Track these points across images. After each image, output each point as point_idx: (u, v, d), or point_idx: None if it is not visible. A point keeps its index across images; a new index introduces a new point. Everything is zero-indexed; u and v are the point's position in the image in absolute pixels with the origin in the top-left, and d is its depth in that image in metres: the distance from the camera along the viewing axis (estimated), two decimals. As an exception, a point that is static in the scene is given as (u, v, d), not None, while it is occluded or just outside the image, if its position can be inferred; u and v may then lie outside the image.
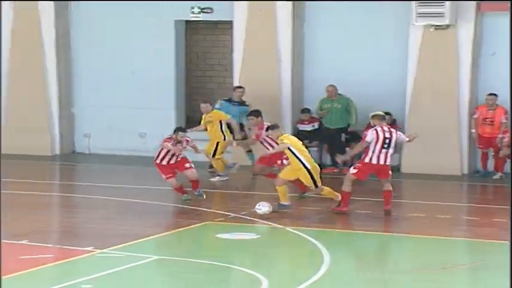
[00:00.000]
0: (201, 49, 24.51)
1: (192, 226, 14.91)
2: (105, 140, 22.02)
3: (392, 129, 15.88)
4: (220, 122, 18.85)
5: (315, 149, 20.40)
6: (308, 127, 20.54)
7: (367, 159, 15.49)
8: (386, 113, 20.10)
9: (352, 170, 15.63)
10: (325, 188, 15.80)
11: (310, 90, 21.11)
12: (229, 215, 15.78)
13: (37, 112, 22.15)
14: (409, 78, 20.20)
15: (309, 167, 15.35)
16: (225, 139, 18.80)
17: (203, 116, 19.14)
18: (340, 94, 20.23)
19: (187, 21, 22.43)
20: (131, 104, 21.75)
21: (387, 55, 20.62)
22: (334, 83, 20.24)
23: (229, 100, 20.13)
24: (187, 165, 16.59)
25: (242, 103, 20.09)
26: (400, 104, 20.28)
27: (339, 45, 20.83)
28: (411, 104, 20.16)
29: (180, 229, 14.89)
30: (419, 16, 19.53)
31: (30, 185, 18.62)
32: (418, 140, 16.93)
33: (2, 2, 21.73)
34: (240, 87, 20.38)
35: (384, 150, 15.43)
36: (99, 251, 13.21)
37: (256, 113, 17.86)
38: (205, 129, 19.06)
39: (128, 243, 13.66)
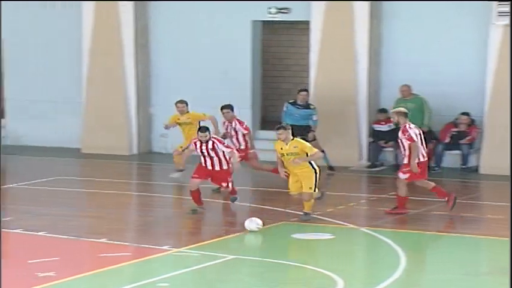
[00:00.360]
0: (278, 49, 24.59)
1: (267, 226, 14.96)
2: (181, 140, 22.23)
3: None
4: (199, 122, 18.53)
5: (391, 149, 20.33)
6: (384, 127, 20.48)
7: (416, 160, 15.42)
8: (465, 113, 20.05)
9: (403, 176, 15.44)
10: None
11: (387, 90, 21.05)
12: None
13: (115, 112, 22.44)
14: (489, 77, 20.02)
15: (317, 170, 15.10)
16: None
17: (177, 116, 18.86)
18: (414, 94, 20.14)
19: (264, 22, 22.51)
20: (208, 103, 21.78)
21: (466, 55, 20.47)
22: (411, 83, 20.16)
23: (294, 103, 20.16)
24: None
25: (307, 106, 20.09)
26: (479, 104, 20.12)
27: (417, 44, 20.74)
28: (490, 103, 19.97)
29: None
30: (499, 15, 19.38)
31: (109, 184, 18.87)
32: (496, 140, 16.76)
33: (83, 2, 22.06)
34: (303, 90, 20.34)
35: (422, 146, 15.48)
36: (175, 250, 13.35)
37: (231, 107, 18.03)
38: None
39: (204, 243, 13.80)
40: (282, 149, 14.79)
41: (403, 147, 15.35)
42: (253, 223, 14.35)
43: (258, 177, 19.73)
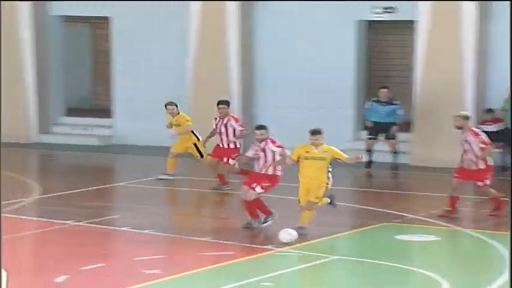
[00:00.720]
0: (383, 49, 24.51)
1: (370, 227, 14.98)
2: (285, 138, 22.32)
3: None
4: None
5: (499, 150, 20.09)
6: (492, 128, 20.24)
7: (490, 162, 15.45)
8: None
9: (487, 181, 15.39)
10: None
11: (495, 89, 20.84)
12: (406, 216, 15.78)
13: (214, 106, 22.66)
14: None
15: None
16: (199, 140, 18.67)
17: (170, 118, 19.00)
18: None
19: (369, 21, 22.48)
20: (311, 104, 21.98)
21: None
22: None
23: (378, 101, 20.25)
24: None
25: (390, 102, 20.16)
26: None
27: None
28: None
29: (357, 229, 14.98)
30: None
31: (212, 182, 19.06)
32: None
33: (191, 2, 22.33)
34: (384, 87, 20.49)
35: None
36: (278, 249, 13.47)
37: (228, 103, 18.13)
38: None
39: (307, 243, 13.85)
40: (307, 152, 14.25)
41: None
42: (286, 233, 13.79)
43: (360, 179, 19.75)
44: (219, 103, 17.99)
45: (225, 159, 17.60)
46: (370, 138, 20.38)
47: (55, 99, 24.58)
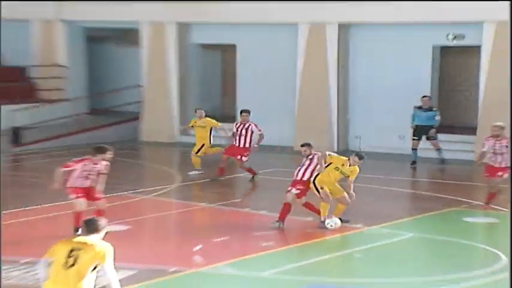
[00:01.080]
0: (452, 69, 24.08)
1: (441, 211, 14.71)
2: (372, 140, 22.12)
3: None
4: (211, 128, 18.14)
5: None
6: None
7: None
8: None
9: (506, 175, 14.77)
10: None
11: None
12: (472, 202, 15.44)
13: (321, 118, 22.60)
14: None
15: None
16: (210, 142, 18.17)
17: (194, 120, 18.40)
18: None
19: (442, 47, 22.14)
20: (395, 112, 21.72)
21: None
22: None
23: (420, 107, 19.89)
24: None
25: (429, 109, 19.81)
26: None
27: None
28: None
29: (430, 213, 14.71)
30: None
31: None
32: None
33: (301, 25, 22.25)
34: (424, 96, 20.04)
35: None
36: (367, 228, 13.35)
37: (249, 111, 17.79)
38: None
39: (390, 223, 13.69)
40: (342, 165, 13.17)
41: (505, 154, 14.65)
42: (332, 221, 13.08)
43: (434, 171, 19.44)
44: (242, 111, 17.84)
45: (239, 157, 17.35)
46: (414, 139, 19.98)
47: (193, 108, 24.78)
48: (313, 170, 13.36)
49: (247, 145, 17.47)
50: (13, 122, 22.54)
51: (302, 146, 13.74)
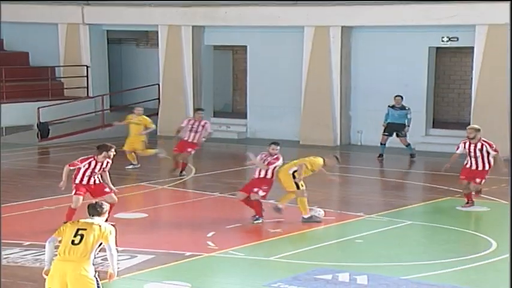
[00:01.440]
0: (447, 68, 24.02)
1: (436, 200, 14.67)
2: (372, 135, 22.09)
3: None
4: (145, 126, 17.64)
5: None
6: None
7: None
8: None
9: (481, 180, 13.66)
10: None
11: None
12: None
13: (325, 114, 22.55)
14: None
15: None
16: (145, 143, 17.78)
17: (131, 116, 17.86)
18: None
19: (437, 47, 22.07)
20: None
21: None
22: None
23: (393, 106, 19.70)
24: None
25: (402, 108, 19.59)
26: None
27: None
28: None
29: (427, 202, 14.70)
30: None
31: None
32: None
33: (306, 27, 22.21)
34: (397, 96, 19.77)
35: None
36: (367, 216, 13.33)
37: (203, 110, 17.55)
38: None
39: (389, 211, 13.68)
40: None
41: (482, 157, 13.39)
42: (315, 212, 12.92)
43: (431, 163, 19.38)
44: (198, 110, 17.40)
45: (189, 149, 16.78)
46: (385, 135, 19.82)
47: (206, 104, 24.79)
48: (274, 168, 12.81)
49: (195, 140, 16.84)
50: (41, 117, 22.63)
51: (274, 143, 12.91)
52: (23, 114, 22.84)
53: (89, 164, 12.14)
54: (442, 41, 21.31)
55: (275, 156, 12.88)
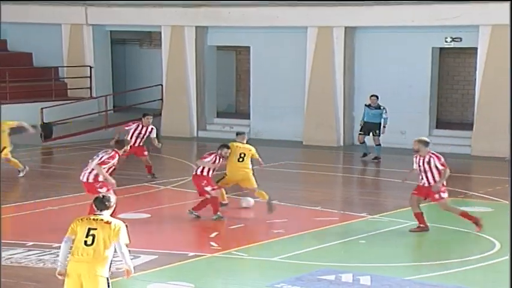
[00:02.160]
0: (451, 68, 24.00)
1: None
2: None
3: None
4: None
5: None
6: None
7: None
8: None
9: (444, 194, 12.40)
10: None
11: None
12: (468, 193, 15.38)
13: (328, 115, 22.53)
14: None
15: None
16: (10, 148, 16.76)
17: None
18: None
19: (441, 48, 22.06)
20: (398, 108, 21.65)
21: None
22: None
23: (369, 105, 19.69)
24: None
25: (378, 107, 19.56)
26: None
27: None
28: None
29: (430, 202, 14.54)
30: None
31: (322, 167, 19.01)
32: None
33: (309, 28, 22.22)
34: (373, 95, 19.74)
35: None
36: (370, 216, 13.33)
37: (153, 115, 17.26)
38: None
39: (392, 212, 13.68)
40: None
41: (431, 171, 12.18)
42: (245, 201, 13.74)
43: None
44: (146, 115, 16.81)
45: (146, 153, 16.47)
46: (360, 134, 19.86)
47: (209, 105, 24.87)
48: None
49: (140, 144, 16.45)
50: (45, 118, 22.65)
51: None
52: (26, 115, 22.82)
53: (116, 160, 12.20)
54: (446, 41, 21.31)
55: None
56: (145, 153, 16.58)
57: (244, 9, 23.03)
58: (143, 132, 16.51)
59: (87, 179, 12.08)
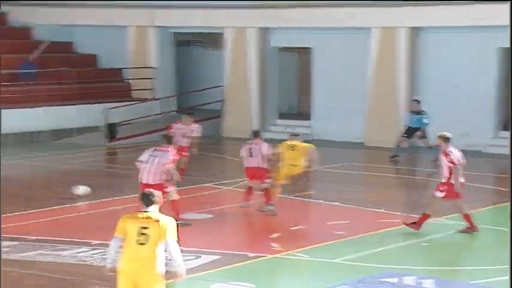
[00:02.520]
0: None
1: (507, 203, 14.28)
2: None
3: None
4: None
5: None
6: None
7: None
8: None
9: (439, 194, 12.17)
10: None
11: None
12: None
13: (390, 116, 22.30)
14: None
15: None
16: None
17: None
18: None
19: (507, 48, 21.61)
20: (462, 109, 21.33)
21: None
22: None
23: (411, 111, 19.77)
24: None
25: (419, 112, 19.51)
26: None
27: None
28: None
29: (497, 205, 14.39)
30: None
31: (384, 169, 18.78)
32: None
33: (374, 29, 22.05)
34: (414, 100, 19.81)
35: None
36: (433, 219, 12.97)
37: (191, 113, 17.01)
38: None
39: (455, 215, 13.34)
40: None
41: (441, 168, 12.05)
42: (80, 189, 14.71)
43: (499, 166, 18.98)
44: (188, 113, 16.87)
45: (184, 153, 15.87)
46: (403, 136, 19.91)
47: (271, 106, 24.88)
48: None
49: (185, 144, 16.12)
50: (110, 118, 22.98)
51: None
52: (91, 116, 23.23)
53: None
54: (512, 41, 20.86)
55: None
56: (184, 153, 16.03)
57: (306, 10, 22.98)
58: (186, 131, 16.24)
59: (154, 180, 11.98)
